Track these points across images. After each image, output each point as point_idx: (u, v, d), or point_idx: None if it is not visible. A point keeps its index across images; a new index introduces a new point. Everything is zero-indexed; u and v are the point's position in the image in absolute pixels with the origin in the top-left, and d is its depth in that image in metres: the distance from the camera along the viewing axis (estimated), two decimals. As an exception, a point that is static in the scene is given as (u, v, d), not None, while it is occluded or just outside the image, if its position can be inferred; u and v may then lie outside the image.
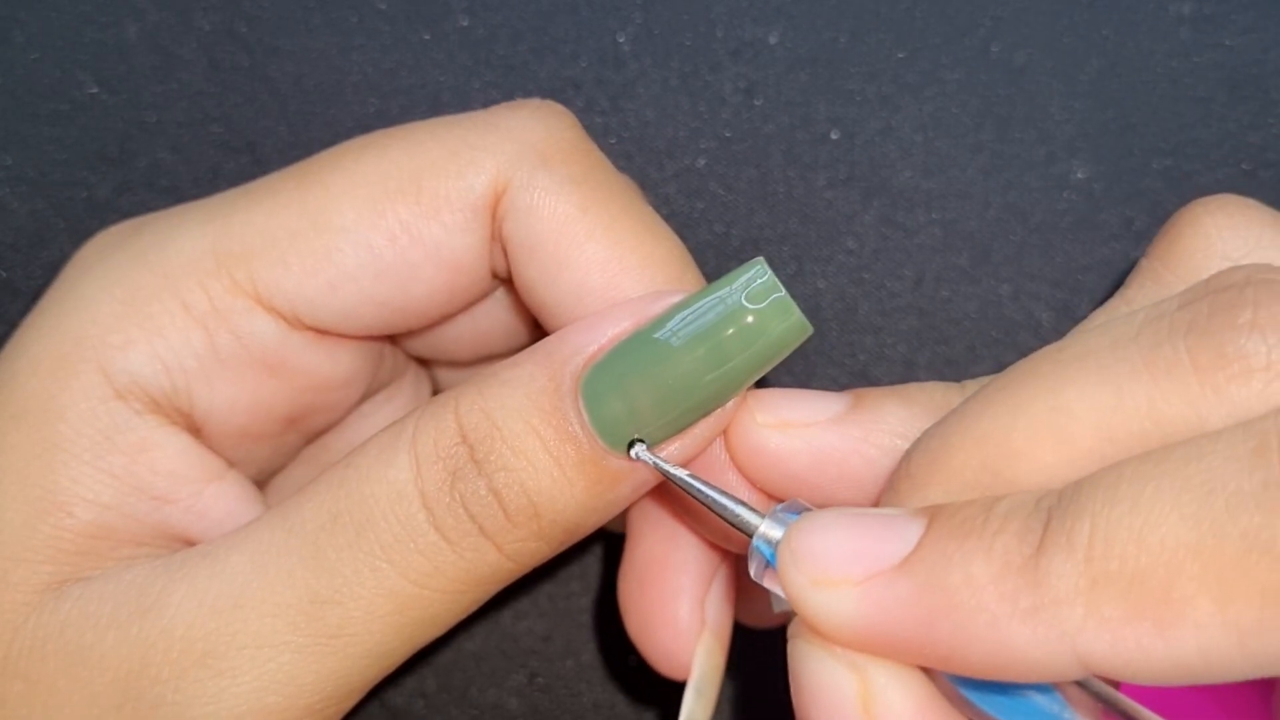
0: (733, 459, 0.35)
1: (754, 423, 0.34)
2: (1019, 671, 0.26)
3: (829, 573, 0.28)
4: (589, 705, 0.47)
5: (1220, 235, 0.33)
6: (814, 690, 0.28)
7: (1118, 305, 0.34)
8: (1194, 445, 0.25)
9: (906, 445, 0.32)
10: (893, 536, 0.28)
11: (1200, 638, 0.24)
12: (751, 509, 0.31)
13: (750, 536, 0.31)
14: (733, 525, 0.32)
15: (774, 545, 0.30)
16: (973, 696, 0.28)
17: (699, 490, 0.32)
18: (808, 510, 0.30)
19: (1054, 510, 0.26)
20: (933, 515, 0.28)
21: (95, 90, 0.47)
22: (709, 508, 0.32)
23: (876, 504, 0.32)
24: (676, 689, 0.38)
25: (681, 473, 0.33)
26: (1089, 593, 0.25)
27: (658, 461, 0.33)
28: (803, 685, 0.29)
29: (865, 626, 0.27)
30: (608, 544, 0.47)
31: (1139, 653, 0.25)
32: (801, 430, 0.34)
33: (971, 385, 0.33)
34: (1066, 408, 0.27)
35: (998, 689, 0.28)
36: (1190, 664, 0.24)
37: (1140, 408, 0.27)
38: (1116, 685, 0.29)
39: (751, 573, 0.31)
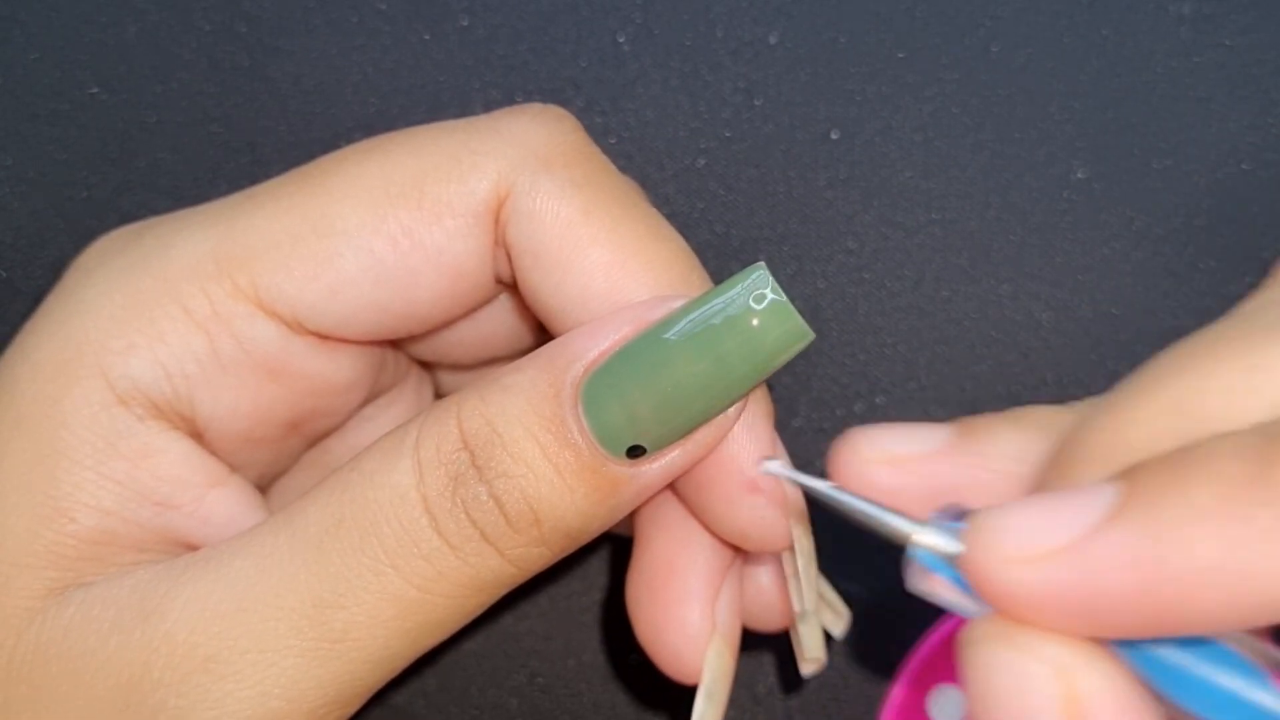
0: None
1: (861, 460, 0.33)
2: (1261, 606, 0.24)
3: (1029, 546, 0.26)
4: (589, 705, 0.47)
5: None
6: (1008, 697, 0.26)
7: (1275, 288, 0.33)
8: None
9: (1023, 470, 0.30)
10: (1091, 501, 0.26)
11: None
12: (905, 516, 0.29)
13: (906, 546, 0.29)
14: (883, 535, 0.30)
15: (936, 551, 0.28)
16: (1178, 694, 0.26)
17: (846, 503, 0.31)
18: (969, 511, 0.28)
19: (1273, 429, 0.24)
20: (1130, 471, 0.26)
21: (95, 90, 0.47)
22: (857, 520, 0.30)
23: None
24: (677, 689, 0.38)
25: (824, 485, 0.32)
26: None
27: (793, 475, 0.32)
28: (993, 693, 0.26)
29: (1078, 593, 0.25)
30: (609, 544, 0.47)
31: None
32: (913, 464, 0.32)
33: (1080, 406, 0.31)
34: (1266, 366, 0.26)
35: (1208, 692, 0.26)
36: None
37: None
38: None
39: (909, 583, 0.29)
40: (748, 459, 0.35)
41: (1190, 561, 0.24)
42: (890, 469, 0.32)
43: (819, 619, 0.38)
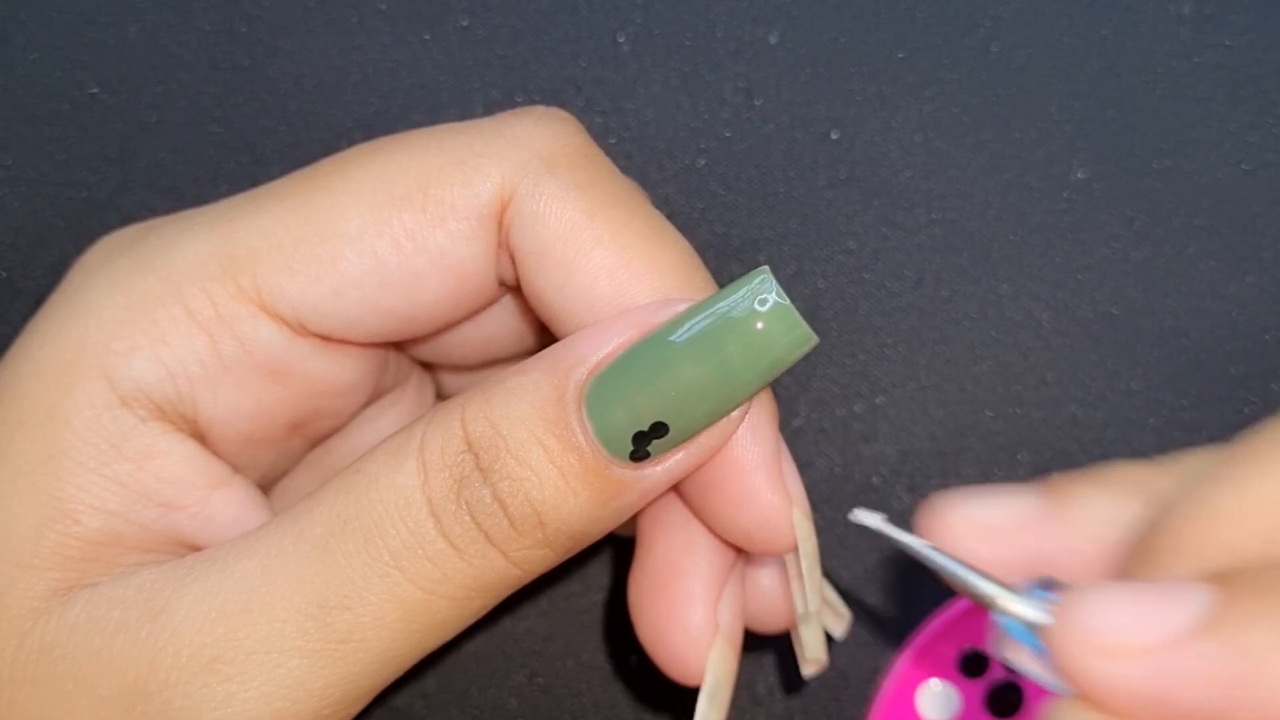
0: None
1: (950, 531, 0.32)
2: None
3: (1116, 641, 0.26)
4: (589, 705, 0.47)
5: None
6: None
7: None
8: None
9: (1116, 533, 0.30)
10: (1182, 602, 0.26)
11: None
12: (998, 583, 0.29)
13: (996, 612, 0.29)
14: (976, 600, 0.30)
15: (1024, 622, 0.28)
16: None
17: (940, 563, 0.31)
18: (1062, 586, 0.29)
19: None
20: (1227, 578, 0.26)
21: (95, 90, 0.47)
22: (949, 581, 0.30)
23: None
24: (677, 690, 0.38)
25: (920, 544, 0.31)
26: None
27: (890, 531, 0.32)
28: None
29: (1161, 696, 0.25)
30: (610, 545, 0.47)
31: None
32: (1005, 535, 0.32)
33: (1168, 463, 0.31)
34: None
35: None
36: None
37: None
38: None
39: (996, 651, 0.29)
40: (751, 461, 0.35)
41: (1272, 691, 0.24)
42: (981, 541, 0.32)
43: (820, 620, 0.38)
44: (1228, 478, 0.27)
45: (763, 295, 0.32)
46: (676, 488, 0.36)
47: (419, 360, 0.41)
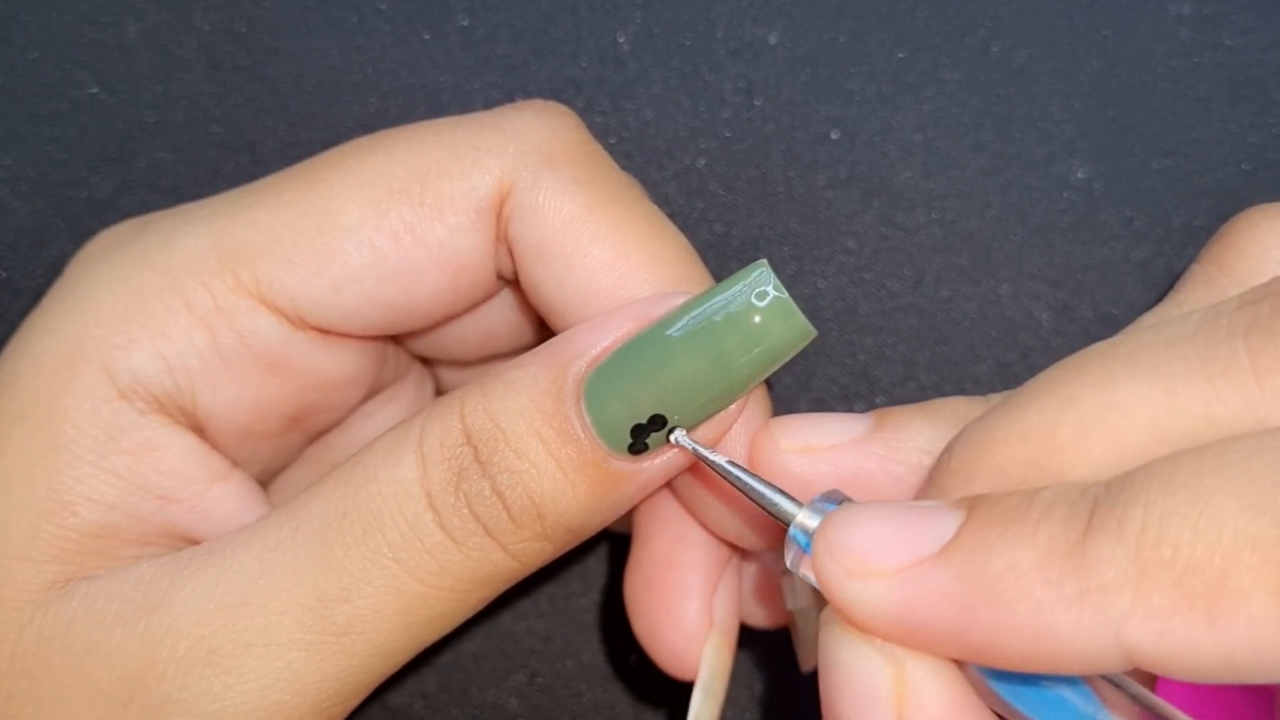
0: None
1: (778, 449, 0.34)
2: (1060, 663, 0.25)
3: (865, 563, 0.27)
4: (589, 705, 0.47)
5: (1277, 241, 0.33)
6: (846, 679, 0.28)
7: (1168, 308, 0.33)
8: (1256, 438, 0.25)
9: (934, 461, 0.31)
10: (931, 526, 0.27)
11: (1253, 632, 0.23)
12: (789, 497, 0.31)
13: (787, 525, 0.30)
14: (770, 513, 0.31)
15: (811, 535, 0.30)
16: (1006, 693, 0.27)
17: (736, 477, 0.32)
18: (847, 501, 0.30)
19: (1101, 498, 0.25)
20: (973, 504, 0.27)
21: (95, 90, 0.47)
22: (746, 494, 0.32)
23: None
24: (677, 689, 0.38)
25: (720, 459, 0.32)
26: (1138, 580, 0.24)
27: (696, 447, 0.33)
28: (834, 673, 0.28)
29: (901, 617, 0.27)
30: (608, 544, 0.47)
31: (1186, 646, 0.24)
32: (827, 453, 0.34)
33: (996, 398, 0.33)
34: (1118, 403, 0.27)
35: (1031, 686, 0.28)
36: (1238, 660, 0.24)
37: (1194, 407, 0.26)
38: (1151, 686, 0.29)
39: (788, 562, 0.30)
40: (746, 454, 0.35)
41: (999, 617, 0.25)
42: (805, 457, 0.34)
43: (818, 615, 0.38)
44: (1005, 406, 0.29)
45: (761, 288, 0.32)
46: (671, 483, 0.36)
47: (417, 355, 0.41)
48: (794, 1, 0.47)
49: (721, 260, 0.47)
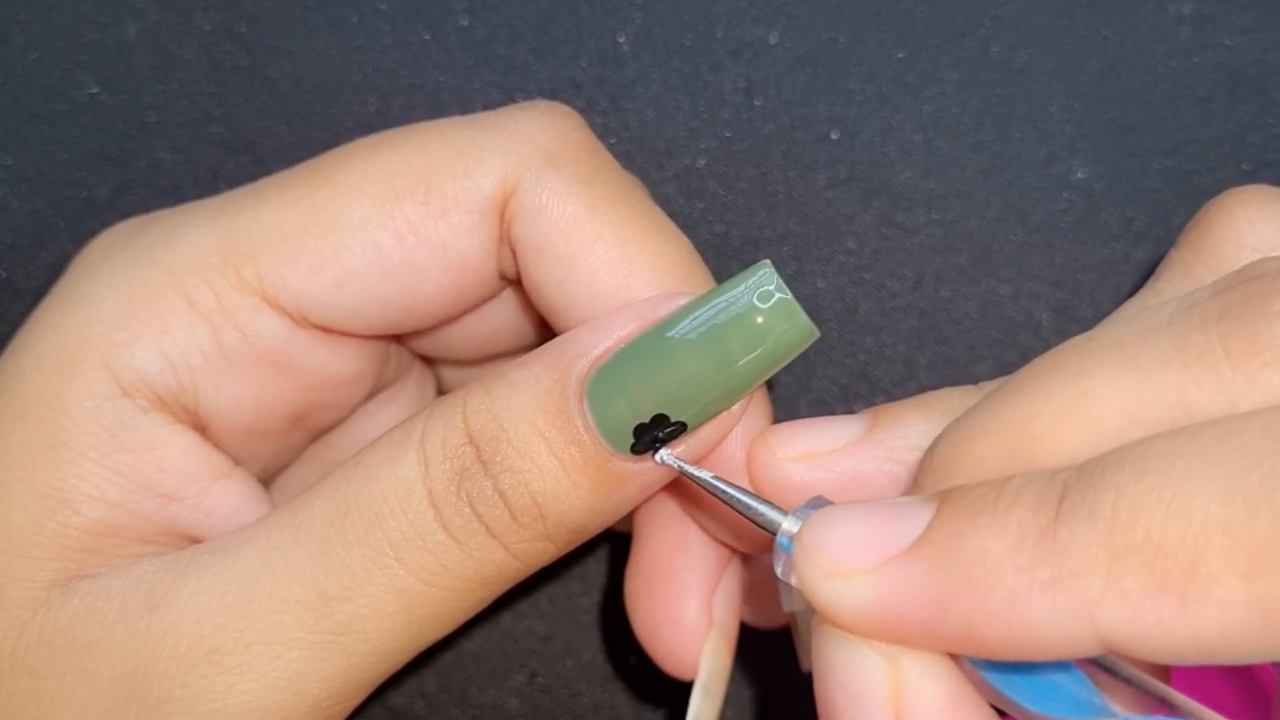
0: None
1: (775, 458, 0.34)
2: (1037, 649, 0.25)
3: (841, 563, 0.27)
4: (589, 705, 0.47)
5: (1252, 227, 0.33)
6: (842, 679, 0.28)
7: (1147, 296, 0.34)
8: (1228, 423, 0.25)
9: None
10: (904, 521, 0.27)
11: (1224, 615, 0.24)
12: (774, 507, 0.31)
13: (774, 534, 0.31)
14: (757, 524, 0.31)
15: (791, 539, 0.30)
16: (1000, 683, 0.27)
17: (722, 491, 0.32)
18: (827, 505, 0.30)
19: (1072, 482, 0.26)
20: (944, 496, 0.27)
21: (95, 90, 0.47)
22: (732, 508, 0.32)
23: None
24: (677, 690, 0.38)
25: (705, 474, 0.33)
26: (1109, 565, 0.24)
27: (681, 465, 0.33)
28: (830, 673, 0.28)
29: (881, 613, 0.27)
30: (608, 544, 0.47)
31: (1158, 628, 0.24)
32: (824, 459, 0.34)
33: (989, 387, 0.33)
34: (1093, 392, 0.27)
35: (1024, 675, 0.28)
36: (1210, 642, 0.24)
37: (1169, 394, 0.26)
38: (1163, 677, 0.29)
39: (777, 570, 0.31)
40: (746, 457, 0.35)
41: (974, 606, 0.26)
42: (803, 465, 0.34)
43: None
44: (985, 402, 0.29)
45: (764, 288, 0.32)
46: (672, 483, 0.36)
47: (420, 354, 0.41)
48: (794, 1, 0.47)
49: (722, 260, 0.47)
